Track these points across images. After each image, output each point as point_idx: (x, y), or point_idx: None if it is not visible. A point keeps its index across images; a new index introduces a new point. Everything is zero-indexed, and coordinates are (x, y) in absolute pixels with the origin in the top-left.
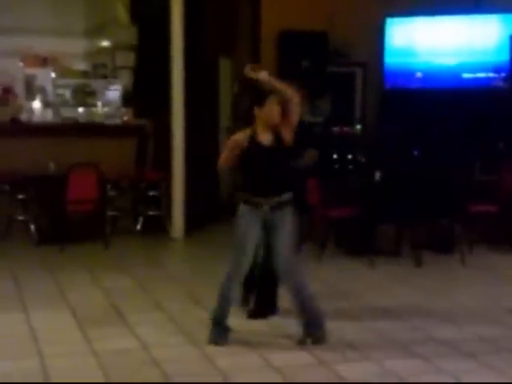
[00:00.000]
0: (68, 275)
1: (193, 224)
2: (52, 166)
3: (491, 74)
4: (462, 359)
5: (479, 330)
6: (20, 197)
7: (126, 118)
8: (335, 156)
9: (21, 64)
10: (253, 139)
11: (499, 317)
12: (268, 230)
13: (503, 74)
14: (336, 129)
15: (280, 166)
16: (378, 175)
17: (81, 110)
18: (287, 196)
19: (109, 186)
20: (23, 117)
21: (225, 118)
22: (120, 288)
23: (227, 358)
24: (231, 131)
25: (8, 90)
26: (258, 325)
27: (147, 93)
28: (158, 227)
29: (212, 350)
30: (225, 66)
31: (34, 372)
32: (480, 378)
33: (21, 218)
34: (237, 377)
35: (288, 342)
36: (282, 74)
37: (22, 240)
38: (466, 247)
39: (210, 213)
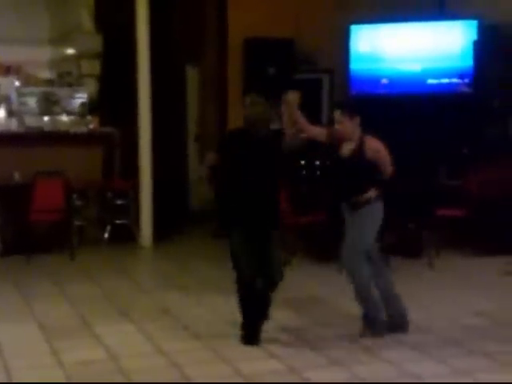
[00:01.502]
0: (34, 286)
1: (161, 232)
2: (17, 175)
3: (455, 80)
4: (431, 363)
5: (447, 334)
6: None
7: (91, 127)
8: (303, 162)
9: None
10: None
11: (467, 320)
12: None
13: (467, 80)
14: (303, 135)
15: None
16: None
17: (46, 118)
18: None
19: (75, 195)
20: None
21: (192, 126)
22: (87, 298)
23: (196, 367)
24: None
25: None
26: (230, 334)
27: (113, 101)
28: (126, 236)
29: (181, 359)
30: (192, 74)
31: None
32: (448, 381)
33: None
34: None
35: (258, 350)
36: (248, 81)
37: None
38: (434, 251)
39: (178, 221)
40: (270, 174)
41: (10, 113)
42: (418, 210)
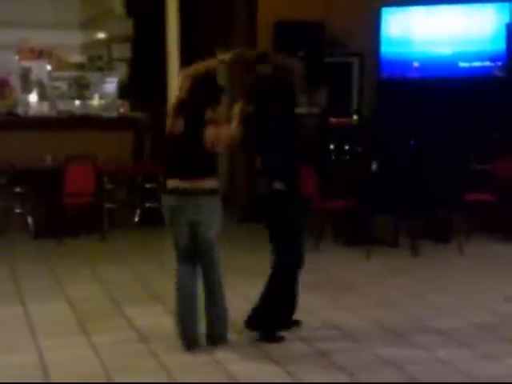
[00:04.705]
0: (66, 268)
1: None
2: (49, 158)
3: (487, 63)
4: (459, 348)
5: (476, 319)
6: (17, 190)
7: (122, 111)
8: (332, 147)
9: (16, 57)
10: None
11: (496, 305)
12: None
13: (499, 63)
14: (333, 119)
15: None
16: (374, 165)
17: (77, 102)
18: None
19: (106, 179)
20: (19, 110)
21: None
22: (118, 280)
23: (224, 350)
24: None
25: (4, 83)
26: None
27: (144, 85)
28: (155, 219)
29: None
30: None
31: (32, 365)
32: (477, 367)
33: (18, 211)
34: (230, 365)
35: (289, 334)
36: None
37: (20, 233)
38: (464, 236)
39: None
40: None
41: (42, 97)
42: (448, 194)
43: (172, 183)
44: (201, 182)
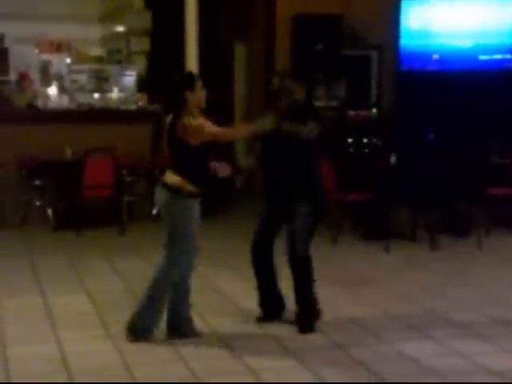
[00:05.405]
0: (85, 260)
1: (207, 209)
2: (68, 151)
3: (508, 56)
4: (477, 342)
5: (496, 313)
6: (37, 182)
7: (140, 104)
8: (350, 140)
9: (36, 50)
10: None
11: None
12: None
13: None
14: (352, 112)
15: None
16: (393, 158)
17: (96, 95)
18: None
19: (125, 172)
20: (39, 103)
21: (240, 103)
22: (137, 273)
23: (243, 341)
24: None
25: (24, 77)
26: None
27: (162, 78)
28: None
29: (229, 334)
30: (240, 52)
31: (52, 356)
32: (497, 361)
33: (38, 203)
34: (249, 359)
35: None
36: (296, 57)
37: (40, 225)
38: (483, 231)
39: (224, 198)
40: None
41: (62, 90)
42: (469, 188)
43: None
44: (165, 174)
